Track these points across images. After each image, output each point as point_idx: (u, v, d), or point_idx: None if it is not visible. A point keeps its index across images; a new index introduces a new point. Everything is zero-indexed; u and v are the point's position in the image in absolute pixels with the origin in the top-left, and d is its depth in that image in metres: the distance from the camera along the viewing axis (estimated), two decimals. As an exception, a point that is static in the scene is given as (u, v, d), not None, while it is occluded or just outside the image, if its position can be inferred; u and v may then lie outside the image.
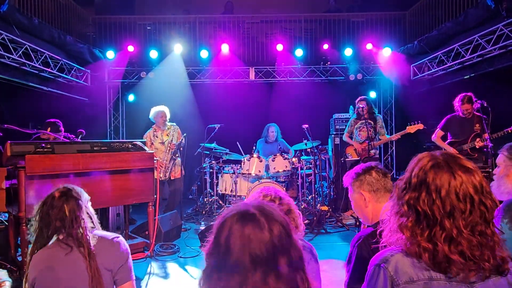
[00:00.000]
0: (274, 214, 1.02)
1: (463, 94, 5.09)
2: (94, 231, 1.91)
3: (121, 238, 1.95)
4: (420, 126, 5.44)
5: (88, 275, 1.75)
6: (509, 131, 4.60)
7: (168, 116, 5.84)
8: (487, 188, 1.14)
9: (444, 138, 5.37)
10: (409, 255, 1.15)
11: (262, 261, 0.95)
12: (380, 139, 6.02)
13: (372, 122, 5.97)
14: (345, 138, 6.31)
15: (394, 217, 1.21)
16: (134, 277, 1.95)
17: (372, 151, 5.82)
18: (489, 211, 1.12)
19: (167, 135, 5.80)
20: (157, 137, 5.79)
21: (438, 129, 5.40)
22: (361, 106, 5.88)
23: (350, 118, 6.50)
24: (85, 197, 1.96)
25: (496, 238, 1.13)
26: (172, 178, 5.74)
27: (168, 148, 5.64)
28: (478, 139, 4.99)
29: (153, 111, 5.80)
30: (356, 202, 1.90)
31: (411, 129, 5.48)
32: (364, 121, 5.83)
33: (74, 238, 1.82)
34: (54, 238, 1.83)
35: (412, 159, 1.27)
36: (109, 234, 1.95)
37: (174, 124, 5.93)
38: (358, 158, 5.95)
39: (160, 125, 5.78)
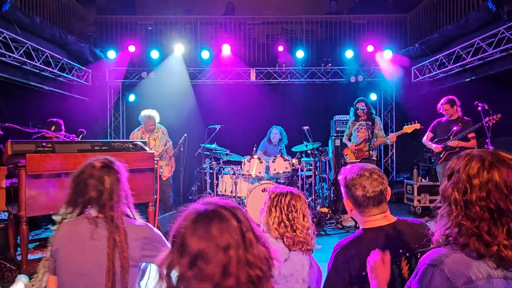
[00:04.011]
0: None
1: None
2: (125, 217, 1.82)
3: (150, 224, 1.90)
4: (417, 126, 5.47)
5: (108, 254, 1.68)
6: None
7: (157, 120, 5.77)
8: None
9: (433, 140, 5.69)
10: (469, 255, 1.10)
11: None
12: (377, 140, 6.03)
13: (370, 123, 5.97)
14: (345, 140, 6.34)
15: (460, 222, 1.12)
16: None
17: (368, 152, 5.83)
18: None
19: (154, 139, 5.77)
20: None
21: (428, 131, 5.75)
22: (360, 107, 5.92)
23: (349, 120, 6.50)
24: (124, 173, 1.85)
25: None
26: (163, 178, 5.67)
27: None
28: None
29: (143, 114, 5.73)
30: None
31: (408, 129, 5.51)
32: (362, 122, 5.91)
33: (106, 212, 1.73)
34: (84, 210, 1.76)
35: (452, 163, 1.20)
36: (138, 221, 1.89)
37: (162, 126, 5.85)
38: (359, 160, 5.94)
39: (147, 131, 5.76)
